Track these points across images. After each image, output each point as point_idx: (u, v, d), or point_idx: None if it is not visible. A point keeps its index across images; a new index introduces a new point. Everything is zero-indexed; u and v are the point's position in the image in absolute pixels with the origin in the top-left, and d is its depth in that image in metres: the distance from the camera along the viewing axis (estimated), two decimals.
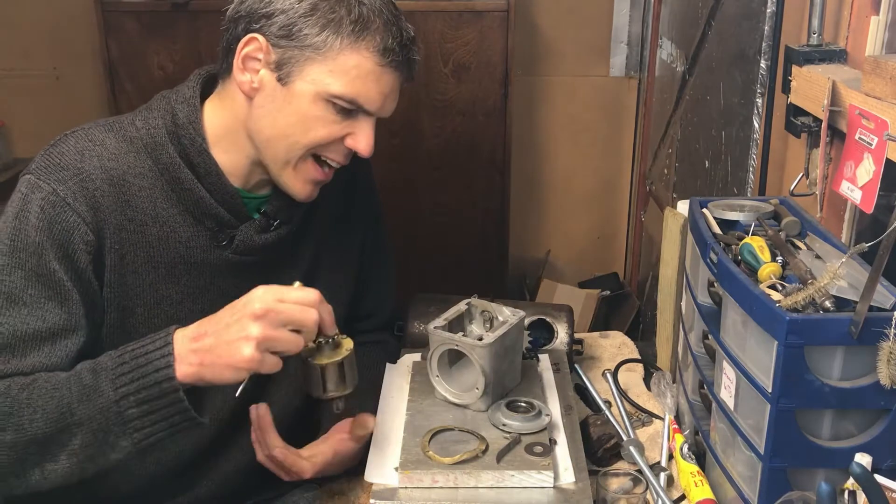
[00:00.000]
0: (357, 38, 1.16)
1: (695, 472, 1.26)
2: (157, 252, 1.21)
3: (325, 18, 1.15)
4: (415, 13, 2.73)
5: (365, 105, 1.19)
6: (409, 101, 2.80)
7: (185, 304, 1.24)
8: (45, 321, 1.12)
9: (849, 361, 1.03)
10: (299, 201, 1.27)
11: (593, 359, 1.70)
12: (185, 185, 1.21)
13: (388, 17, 1.18)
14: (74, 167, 1.16)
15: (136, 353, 1.06)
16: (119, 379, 1.05)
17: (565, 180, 3.35)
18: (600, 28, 3.17)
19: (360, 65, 1.16)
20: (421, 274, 2.88)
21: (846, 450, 1.05)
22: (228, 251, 1.25)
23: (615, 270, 3.44)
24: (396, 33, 1.18)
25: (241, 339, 1.03)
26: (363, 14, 1.16)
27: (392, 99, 1.23)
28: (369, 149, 1.22)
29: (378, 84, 1.18)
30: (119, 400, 1.04)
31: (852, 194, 1.22)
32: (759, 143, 1.80)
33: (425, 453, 1.19)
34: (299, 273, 1.34)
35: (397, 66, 1.20)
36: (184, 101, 1.22)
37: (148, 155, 1.21)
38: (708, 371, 1.26)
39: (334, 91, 1.16)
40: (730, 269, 1.14)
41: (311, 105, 1.17)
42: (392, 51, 1.17)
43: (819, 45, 1.46)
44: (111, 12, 2.67)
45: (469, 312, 1.40)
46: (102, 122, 1.24)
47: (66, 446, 1.06)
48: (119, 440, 1.06)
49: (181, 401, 1.04)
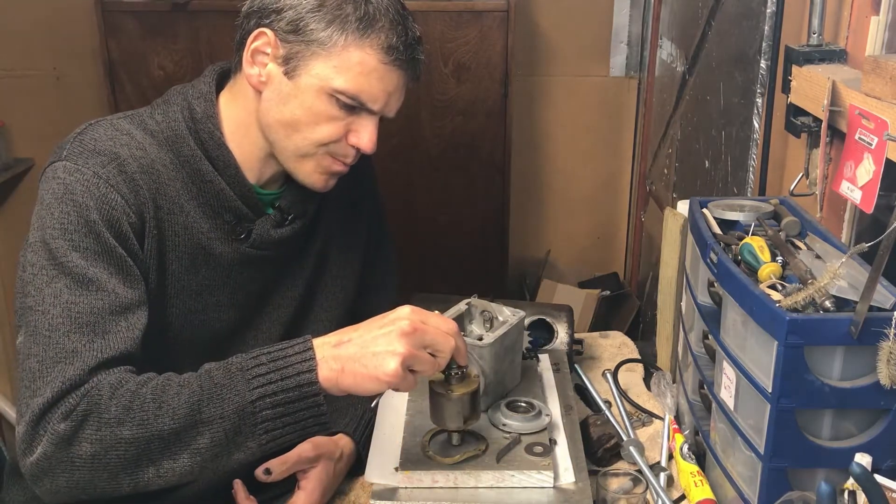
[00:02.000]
0: (362, 34, 1.17)
1: (695, 472, 1.26)
2: (182, 242, 1.22)
3: (332, 14, 1.16)
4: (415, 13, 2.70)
5: (367, 102, 1.20)
6: (409, 101, 2.76)
7: (202, 295, 1.25)
8: (116, 296, 1.10)
9: (849, 361, 1.03)
10: (316, 191, 1.28)
11: (593, 359, 1.70)
12: (206, 178, 1.22)
13: (395, 17, 1.20)
14: (111, 152, 1.16)
15: (274, 356, 1.05)
16: (256, 380, 1.04)
17: (565, 180, 3.35)
18: (600, 28, 3.17)
19: (364, 61, 1.17)
20: (421, 274, 2.88)
21: (846, 450, 1.05)
22: (246, 245, 1.27)
23: (615, 270, 3.44)
24: (402, 32, 1.19)
25: (388, 352, 1.03)
26: (369, 12, 1.18)
27: (397, 98, 1.24)
28: (372, 145, 1.23)
29: (381, 82, 1.20)
30: (255, 400, 1.03)
31: (852, 194, 1.22)
32: (759, 143, 1.80)
33: (425, 453, 1.19)
34: (309, 268, 1.35)
35: (401, 65, 1.21)
36: (200, 95, 1.24)
37: (169, 148, 1.22)
38: (708, 371, 1.26)
39: (337, 86, 1.17)
40: (730, 269, 1.14)
41: (316, 100, 1.18)
42: (396, 49, 1.19)
43: (819, 45, 1.46)
44: (111, 12, 2.67)
45: (469, 312, 1.40)
46: (122, 114, 1.25)
47: (191, 445, 1.04)
48: (248, 440, 1.05)
49: (320, 405, 1.04)
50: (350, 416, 1.32)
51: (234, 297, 1.28)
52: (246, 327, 1.32)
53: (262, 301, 1.33)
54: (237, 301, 1.29)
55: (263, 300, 1.33)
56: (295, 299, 1.36)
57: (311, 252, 1.38)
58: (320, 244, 1.39)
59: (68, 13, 2.97)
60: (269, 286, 1.33)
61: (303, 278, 1.37)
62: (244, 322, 1.32)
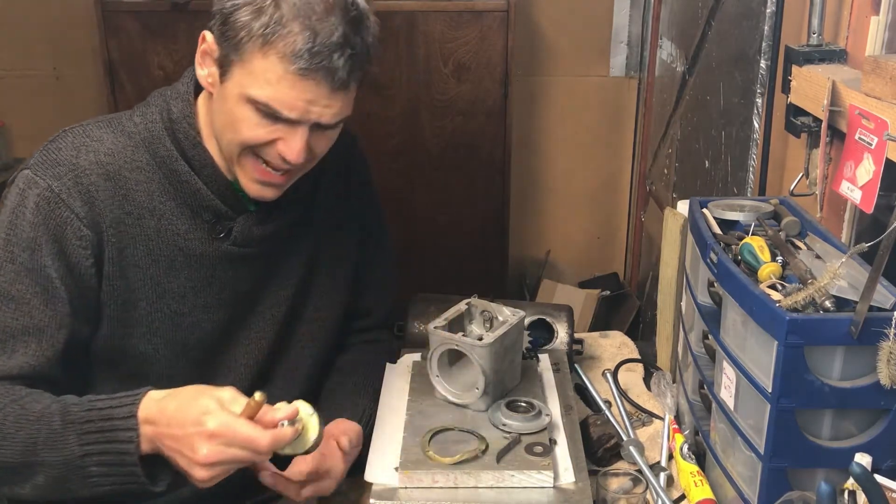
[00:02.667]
0: (265, 42, 1.10)
1: (695, 472, 1.26)
2: (157, 245, 1.22)
3: (243, 21, 1.11)
4: (415, 13, 2.73)
5: (282, 111, 1.13)
6: (409, 101, 2.80)
7: (187, 297, 1.25)
8: (31, 317, 1.15)
9: (849, 361, 1.03)
10: (255, 198, 1.24)
11: (593, 359, 1.70)
12: (182, 178, 1.22)
13: (308, 21, 1.10)
14: (70, 163, 1.18)
15: (104, 415, 1.07)
16: (85, 437, 1.07)
17: (565, 180, 3.35)
18: (600, 28, 3.17)
19: (269, 70, 1.11)
20: (421, 274, 2.88)
21: (846, 450, 1.05)
22: (227, 243, 1.26)
23: (615, 270, 3.44)
24: (310, 38, 1.09)
25: (193, 462, 1.02)
26: (275, 18, 1.10)
27: (323, 106, 1.14)
28: (296, 155, 1.16)
29: (294, 90, 1.12)
30: (83, 456, 1.07)
31: (852, 194, 1.22)
32: (759, 143, 1.80)
33: (425, 453, 1.19)
34: (301, 266, 1.35)
35: (310, 74, 1.10)
36: (178, 96, 1.24)
37: (146, 149, 1.22)
38: (708, 371, 1.26)
39: (250, 94, 1.13)
40: (730, 269, 1.14)
41: (236, 106, 1.15)
42: (301, 57, 1.09)
43: (819, 45, 1.46)
44: (111, 12, 2.68)
45: (469, 312, 1.40)
46: (102, 118, 1.26)
47: (30, 480, 1.09)
48: (79, 489, 1.08)
49: (139, 476, 1.06)
50: (350, 412, 1.33)
51: (221, 297, 1.28)
52: (238, 327, 1.32)
53: (252, 300, 1.32)
54: (225, 300, 1.29)
55: (254, 299, 1.32)
56: (288, 298, 1.35)
57: (302, 249, 1.36)
58: (312, 241, 1.38)
59: (68, 13, 2.97)
60: (260, 284, 1.32)
61: (295, 276, 1.36)
62: (235, 322, 1.31)
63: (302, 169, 1.22)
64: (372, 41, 1.17)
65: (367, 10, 1.17)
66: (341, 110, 1.17)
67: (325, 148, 1.22)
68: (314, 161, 1.23)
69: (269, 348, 1.35)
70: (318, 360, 1.42)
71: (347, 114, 1.19)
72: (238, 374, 1.32)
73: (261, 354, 1.34)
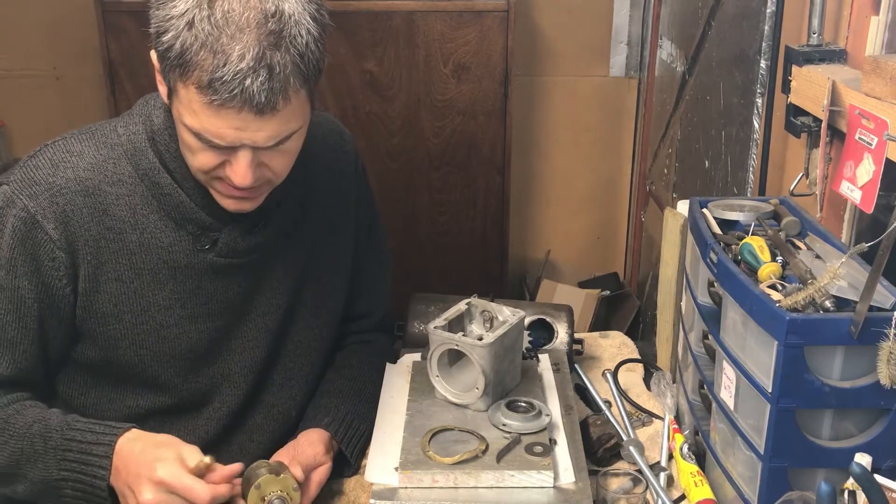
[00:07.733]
0: (182, 73, 1.05)
1: (695, 472, 1.26)
2: (140, 259, 1.21)
3: (167, 44, 1.06)
4: (414, 13, 2.73)
5: (213, 139, 1.07)
6: (409, 101, 2.80)
7: (173, 309, 1.24)
8: (4, 332, 1.18)
9: (849, 361, 1.03)
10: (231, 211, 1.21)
11: (593, 359, 1.70)
12: (165, 190, 1.20)
13: (219, 45, 1.01)
14: (46, 181, 1.18)
15: (82, 448, 1.14)
16: (64, 462, 1.14)
17: (565, 180, 3.35)
18: (600, 28, 3.17)
19: (193, 100, 1.05)
20: (421, 274, 2.88)
21: (846, 450, 1.05)
22: (212, 254, 1.24)
23: (615, 270, 3.44)
24: (217, 66, 1.01)
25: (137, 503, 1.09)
26: (187, 44, 1.03)
27: (254, 131, 1.06)
28: (242, 180, 1.10)
29: (218, 119, 1.05)
30: (60, 479, 1.14)
31: (852, 194, 1.22)
32: (759, 143, 1.80)
33: (425, 453, 1.20)
34: (293, 274, 1.33)
35: (226, 102, 1.02)
36: (160, 105, 1.20)
37: (128, 161, 1.20)
38: (708, 371, 1.26)
39: (185, 122, 1.09)
40: (730, 269, 1.14)
41: (182, 131, 1.12)
42: (212, 88, 1.02)
43: (819, 45, 1.46)
44: (111, 12, 2.67)
45: (469, 312, 1.40)
46: (86, 129, 1.24)
47: (12, 486, 1.19)
48: (55, 501, 1.17)
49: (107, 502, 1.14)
50: (332, 417, 1.33)
51: (208, 308, 1.26)
52: (229, 336, 1.30)
53: (243, 309, 1.30)
54: (213, 311, 1.27)
55: (245, 308, 1.30)
56: (280, 306, 1.32)
57: (295, 257, 1.33)
58: (305, 248, 1.35)
59: (68, 13, 2.97)
60: (250, 294, 1.30)
61: (287, 284, 1.33)
62: (225, 332, 1.29)
63: (271, 184, 1.17)
64: (306, 49, 1.05)
65: (297, 13, 1.05)
66: (277, 131, 1.08)
67: (286, 164, 1.16)
68: (280, 176, 1.17)
69: (264, 357, 1.33)
70: (315, 368, 1.41)
71: (294, 129, 1.10)
72: (234, 382, 1.31)
73: (256, 363, 1.32)
